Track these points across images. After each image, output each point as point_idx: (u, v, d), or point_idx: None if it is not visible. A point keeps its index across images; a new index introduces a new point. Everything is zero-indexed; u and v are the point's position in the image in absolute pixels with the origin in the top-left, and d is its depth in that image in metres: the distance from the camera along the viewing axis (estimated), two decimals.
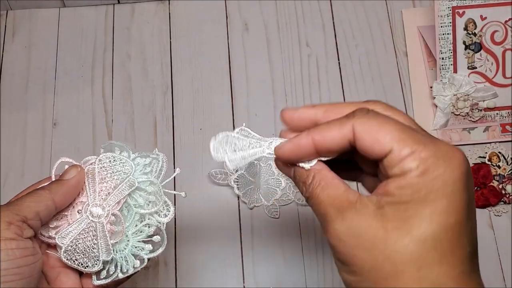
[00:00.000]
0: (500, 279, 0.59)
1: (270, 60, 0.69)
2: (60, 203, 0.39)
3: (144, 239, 0.41)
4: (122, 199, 0.40)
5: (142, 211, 0.41)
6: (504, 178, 0.62)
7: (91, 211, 0.39)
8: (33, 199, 0.38)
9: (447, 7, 0.64)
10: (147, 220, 0.41)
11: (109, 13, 0.71)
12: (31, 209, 0.37)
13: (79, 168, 0.41)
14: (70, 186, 0.40)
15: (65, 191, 0.39)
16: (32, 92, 0.68)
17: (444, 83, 0.65)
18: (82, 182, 0.40)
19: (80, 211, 0.40)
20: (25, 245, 0.36)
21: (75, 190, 0.40)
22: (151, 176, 0.42)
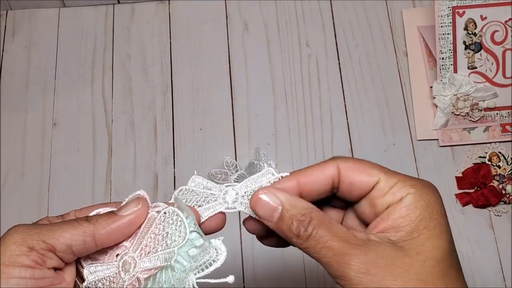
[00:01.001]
0: (500, 279, 0.59)
1: (270, 60, 0.69)
2: (102, 242, 0.33)
3: None
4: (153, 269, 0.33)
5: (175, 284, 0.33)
6: (504, 178, 0.62)
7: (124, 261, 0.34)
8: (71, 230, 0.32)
9: (447, 7, 0.64)
10: None
11: (109, 13, 0.71)
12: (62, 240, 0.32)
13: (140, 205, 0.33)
14: (121, 225, 0.33)
15: (113, 229, 0.33)
16: (32, 92, 0.68)
17: (444, 83, 0.65)
18: (137, 224, 0.33)
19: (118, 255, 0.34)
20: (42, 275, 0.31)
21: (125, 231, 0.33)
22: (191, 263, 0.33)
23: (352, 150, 0.64)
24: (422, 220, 0.30)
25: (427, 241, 0.30)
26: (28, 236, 0.31)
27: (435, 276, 0.29)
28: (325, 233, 0.30)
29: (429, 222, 0.30)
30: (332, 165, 0.32)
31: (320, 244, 0.30)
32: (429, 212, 0.31)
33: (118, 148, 0.65)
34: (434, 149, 0.64)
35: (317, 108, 0.66)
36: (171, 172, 0.64)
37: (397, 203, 0.31)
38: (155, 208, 0.35)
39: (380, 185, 0.31)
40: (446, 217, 0.32)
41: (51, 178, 0.63)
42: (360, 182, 0.32)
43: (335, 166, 0.32)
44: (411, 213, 0.30)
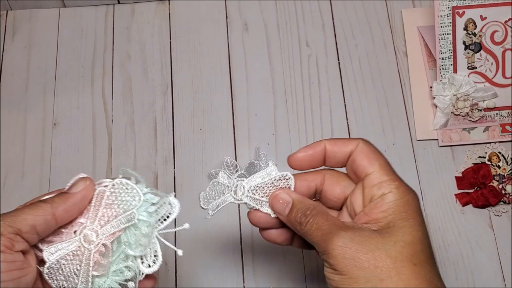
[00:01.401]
0: (500, 279, 0.59)
1: (270, 60, 0.69)
2: (61, 218, 0.37)
3: (121, 281, 0.38)
4: (118, 231, 0.38)
5: (129, 251, 0.38)
6: (504, 178, 0.62)
7: (85, 235, 0.37)
8: (32, 212, 0.35)
9: (447, 7, 0.64)
10: (130, 262, 0.38)
11: (109, 13, 0.72)
12: (27, 222, 0.35)
13: (88, 182, 0.38)
14: (75, 201, 0.37)
15: (68, 206, 0.37)
16: (32, 92, 0.68)
17: (444, 83, 0.65)
18: (89, 198, 0.38)
19: (76, 232, 0.37)
20: (13, 259, 0.34)
21: (79, 206, 0.37)
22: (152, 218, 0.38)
23: None
24: (399, 215, 0.36)
25: (401, 229, 0.36)
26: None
27: (404, 255, 0.35)
28: (320, 219, 0.38)
29: (405, 216, 0.36)
30: (355, 143, 0.40)
31: (314, 227, 0.37)
32: (406, 209, 0.37)
33: (118, 148, 0.65)
34: (434, 149, 0.65)
35: (317, 108, 0.66)
36: (171, 172, 0.64)
37: (379, 197, 0.37)
38: (101, 184, 0.39)
39: (372, 176, 0.38)
40: (422, 216, 0.37)
41: (51, 178, 0.64)
42: (361, 166, 0.39)
43: (355, 145, 0.40)
44: (390, 208, 0.37)
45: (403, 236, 0.35)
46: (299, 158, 0.41)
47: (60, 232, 0.38)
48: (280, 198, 0.40)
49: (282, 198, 0.40)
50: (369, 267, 0.34)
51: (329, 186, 0.41)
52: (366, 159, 0.39)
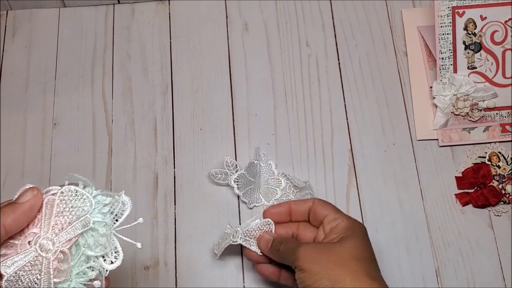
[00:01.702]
0: (500, 279, 0.59)
1: (270, 60, 0.69)
2: (10, 228, 0.37)
3: (86, 282, 0.39)
4: (74, 237, 0.38)
5: (89, 252, 0.39)
6: (504, 178, 0.62)
7: (40, 244, 0.37)
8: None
9: (447, 7, 0.64)
10: (92, 262, 0.39)
11: (109, 13, 0.72)
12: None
13: (35, 192, 0.38)
14: (23, 211, 0.37)
15: (17, 215, 0.37)
16: (32, 92, 0.68)
17: (444, 83, 0.65)
18: (37, 207, 0.38)
19: (30, 242, 0.38)
20: None
21: (28, 215, 0.37)
22: (107, 218, 0.40)
23: (352, 149, 0.64)
24: (349, 232, 0.50)
25: (348, 239, 0.49)
26: None
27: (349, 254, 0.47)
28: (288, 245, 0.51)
29: (352, 233, 0.50)
30: (311, 200, 0.55)
31: (287, 247, 0.51)
32: (353, 230, 0.50)
33: (118, 148, 0.65)
34: (434, 149, 0.65)
35: (317, 108, 0.66)
36: (171, 172, 0.64)
37: (335, 226, 0.51)
38: (48, 192, 0.39)
39: (328, 217, 0.52)
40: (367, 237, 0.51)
41: (51, 178, 0.64)
42: (320, 212, 0.53)
43: (312, 201, 0.55)
44: (342, 230, 0.50)
45: (349, 243, 0.48)
46: (272, 213, 0.56)
47: (14, 245, 0.38)
48: (264, 238, 0.54)
49: (265, 238, 0.53)
50: (324, 262, 0.47)
51: (303, 231, 0.55)
52: (322, 207, 0.53)
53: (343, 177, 0.63)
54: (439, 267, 0.59)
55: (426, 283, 0.59)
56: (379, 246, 0.59)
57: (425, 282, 0.59)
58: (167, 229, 0.61)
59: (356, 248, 0.48)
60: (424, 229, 0.61)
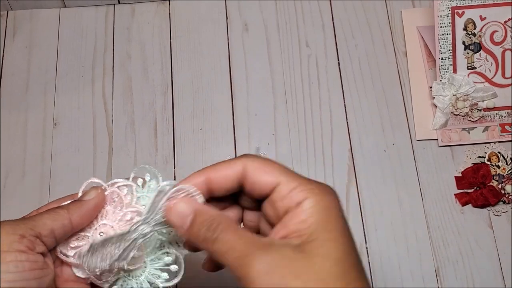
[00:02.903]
0: (500, 279, 0.59)
1: (270, 60, 0.69)
2: (77, 224, 0.39)
3: (162, 267, 0.40)
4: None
5: (163, 238, 0.40)
6: (504, 178, 0.62)
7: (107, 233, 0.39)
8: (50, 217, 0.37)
9: (446, 7, 0.64)
10: (167, 248, 0.40)
11: (109, 13, 0.72)
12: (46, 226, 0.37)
13: (99, 190, 0.40)
14: (88, 208, 0.39)
15: (83, 212, 0.39)
16: (32, 92, 0.68)
17: (444, 83, 0.65)
18: (101, 204, 0.40)
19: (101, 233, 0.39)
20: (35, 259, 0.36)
21: (93, 212, 0.39)
22: None
23: (352, 150, 0.64)
24: (320, 224, 0.32)
25: (324, 243, 0.31)
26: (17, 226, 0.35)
27: (335, 276, 0.30)
28: (231, 236, 0.32)
29: (326, 226, 0.32)
30: (239, 163, 0.34)
31: (226, 246, 0.32)
32: (327, 216, 0.32)
33: (119, 148, 0.65)
34: (433, 149, 0.65)
35: (317, 108, 0.66)
36: (171, 172, 0.64)
37: (295, 207, 0.32)
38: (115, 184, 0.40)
39: (280, 188, 0.33)
40: (344, 220, 0.33)
41: (51, 178, 0.64)
42: (261, 182, 0.33)
43: (242, 164, 0.34)
44: (309, 218, 0.32)
45: (330, 251, 0.31)
46: None
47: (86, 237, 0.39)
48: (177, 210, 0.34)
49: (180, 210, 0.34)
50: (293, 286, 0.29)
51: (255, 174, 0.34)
52: (263, 172, 0.34)
53: (343, 177, 0.63)
54: (438, 267, 0.60)
55: (426, 283, 0.59)
56: (378, 246, 0.59)
57: (425, 282, 0.59)
58: None
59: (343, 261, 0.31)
60: (424, 229, 0.61)
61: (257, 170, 0.34)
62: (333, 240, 0.31)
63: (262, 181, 0.33)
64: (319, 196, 0.32)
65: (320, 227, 0.31)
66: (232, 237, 0.32)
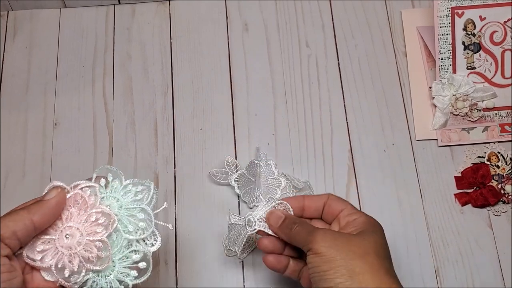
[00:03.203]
0: (500, 279, 0.59)
1: (270, 60, 0.69)
2: (39, 223, 0.39)
3: (130, 265, 0.41)
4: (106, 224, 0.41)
5: (130, 237, 0.41)
6: (503, 178, 0.63)
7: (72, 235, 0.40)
8: (11, 218, 0.38)
9: (446, 8, 0.64)
10: (134, 246, 0.41)
11: (109, 14, 0.72)
12: (8, 229, 0.37)
13: (59, 190, 0.41)
14: (49, 207, 0.40)
15: (44, 211, 0.39)
16: (33, 93, 0.68)
17: (443, 83, 0.65)
18: (63, 203, 0.41)
19: (67, 236, 0.40)
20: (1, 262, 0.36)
21: (54, 211, 0.40)
22: (142, 204, 0.42)
23: (352, 149, 0.65)
24: (368, 227, 0.47)
25: (368, 234, 0.46)
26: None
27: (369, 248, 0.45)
28: (305, 224, 0.48)
29: (372, 229, 0.47)
30: (326, 196, 0.52)
31: (300, 229, 0.48)
32: (373, 225, 0.48)
33: (119, 148, 0.65)
34: (433, 149, 0.65)
35: (317, 108, 0.67)
36: (172, 172, 0.64)
37: (352, 220, 0.49)
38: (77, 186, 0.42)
39: (345, 211, 0.50)
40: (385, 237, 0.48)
41: (52, 178, 0.64)
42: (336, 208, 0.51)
43: (327, 198, 0.51)
44: (360, 224, 0.48)
45: (370, 237, 0.46)
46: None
47: (51, 240, 0.40)
48: (275, 214, 0.50)
49: (276, 214, 0.50)
50: (343, 249, 0.44)
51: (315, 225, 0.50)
52: (339, 201, 0.51)
53: (343, 177, 0.63)
54: (438, 267, 0.60)
55: (426, 283, 0.59)
56: None
57: (425, 282, 0.59)
58: (167, 229, 0.61)
59: (377, 243, 0.45)
60: (424, 229, 0.61)
61: (334, 201, 0.51)
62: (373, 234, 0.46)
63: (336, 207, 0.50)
64: (369, 219, 0.49)
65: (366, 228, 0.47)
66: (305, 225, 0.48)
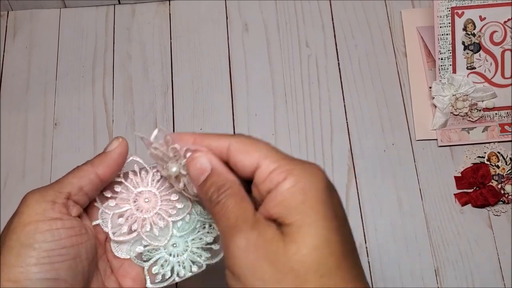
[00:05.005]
0: (500, 279, 0.59)
1: (270, 60, 0.69)
2: (104, 176, 0.38)
3: (204, 246, 0.41)
4: None
5: (203, 219, 0.40)
6: (503, 178, 0.63)
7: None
8: (75, 175, 0.37)
9: (446, 8, 0.64)
10: (208, 228, 0.41)
11: (109, 14, 0.72)
12: (74, 185, 0.36)
13: (121, 140, 0.39)
14: (113, 158, 0.38)
15: (108, 163, 0.38)
16: (32, 93, 0.68)
17: (443, 83, 0.65)
18: (125, 153, 0.39)
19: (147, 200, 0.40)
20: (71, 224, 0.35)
21: (118, 161, 0.38)
22: None
23: (352, 149, 0.65)
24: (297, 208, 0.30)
25: (302, 228, 0.29)
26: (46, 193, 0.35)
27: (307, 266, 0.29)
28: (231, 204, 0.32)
29: (304, 209, 0.30)
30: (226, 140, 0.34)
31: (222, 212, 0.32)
32: (303, 199, 0.30)
33: None
34: (433, 149, 0.65)
35: (316, 108, 0.67)
36: None
37: (274, 188, 0.31)
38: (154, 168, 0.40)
39: (260, 170, 0.32)
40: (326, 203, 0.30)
41: (52, 178, 0.64)
42: (243, 164, 0.33)
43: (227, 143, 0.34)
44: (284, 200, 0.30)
45: (305, 238, 0.29)
46: None
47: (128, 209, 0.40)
48: (198, 162, 0.34)
49: (201, 163, 0.34)
50: (270, 280, 0.29)
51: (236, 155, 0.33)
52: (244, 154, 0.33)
53: (343, 177, 0.63)
54: (438, 267, 0.60)
55: (426, 283, 0.59)
56: (378, 246, 0.59)
57: (425, 282, 0.59)
58: None
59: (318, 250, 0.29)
60: (424, 229, 0.61)
61: (238, 151, 0.33)
62: (311, 225, 0.29)
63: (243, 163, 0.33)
64: (297, 177, 0.31)
65: (296, 212, 0.30)
66: (232, 205, 0.32)
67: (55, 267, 0.33)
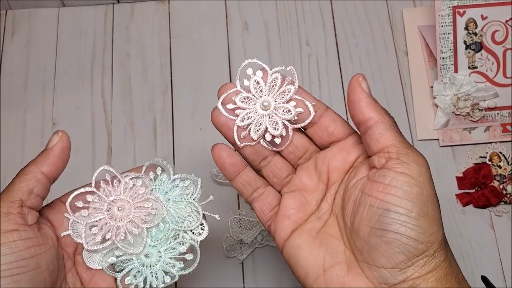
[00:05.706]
0: (501, 279, 0.59)
1: (270, 60, 0.69)
2: (50, 173, 0.38)
3: (176, 256, 0.41)
4: None
5: (177, 227, 0.40)
6: (505, 178, 0.62)
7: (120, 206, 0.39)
8: (21, 179, 0.37)
9: (447, 7, 0.64)
10: (181, 238, 0.41)
11: (108, 13, 0.71)
12: (23, 190, 0.36)
13: (60, 134, 0.39)
14: (55, 153, 0.38)
15: (51, 159, 0.38)
16: (31, 92, 0.68)
17: (445, 83, 0.65)
18: (67, 147, 0.39)
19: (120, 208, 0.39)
20: (28, 235, 0.35)
21: (61, 156, 0.38)
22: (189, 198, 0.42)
23: None
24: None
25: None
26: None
27: None
28: None
29: None
30: None
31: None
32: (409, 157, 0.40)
33: (118, 148, 0.65)
34: (434, 149, 0.64)
35: None
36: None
37: None
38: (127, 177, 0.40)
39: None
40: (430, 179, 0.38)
41: None
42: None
43: None
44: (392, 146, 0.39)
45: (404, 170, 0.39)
46: None
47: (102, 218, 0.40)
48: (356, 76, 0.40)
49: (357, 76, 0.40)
50: None
51: None
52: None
53: None
54: None
55: None
56: None
57: None
58: None
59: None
60: None
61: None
62: None
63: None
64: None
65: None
66: None
67: (15, 279, 0.33)
